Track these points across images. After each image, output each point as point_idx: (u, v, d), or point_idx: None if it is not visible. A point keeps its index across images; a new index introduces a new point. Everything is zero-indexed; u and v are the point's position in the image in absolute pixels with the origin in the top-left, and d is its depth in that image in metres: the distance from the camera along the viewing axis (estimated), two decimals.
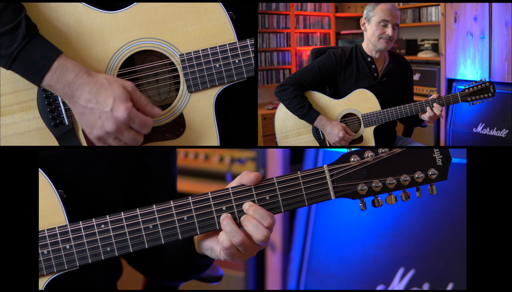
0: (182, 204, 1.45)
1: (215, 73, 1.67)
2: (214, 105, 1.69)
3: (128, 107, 1.55)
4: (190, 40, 1.66)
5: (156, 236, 1.45)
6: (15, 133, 1.67)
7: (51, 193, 1.48)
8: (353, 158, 1.44)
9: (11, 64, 1.56)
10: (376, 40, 2.39)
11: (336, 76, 2.43)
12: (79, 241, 1.45)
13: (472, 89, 2.32)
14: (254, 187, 1.45)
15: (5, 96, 1.66)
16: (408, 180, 1.44)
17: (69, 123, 1.68)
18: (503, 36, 3.04)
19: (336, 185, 1.45)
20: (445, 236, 2.38)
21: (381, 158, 1.44)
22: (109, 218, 1.45)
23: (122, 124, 1.56)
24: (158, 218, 1.45)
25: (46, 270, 1.46)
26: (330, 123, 2.39)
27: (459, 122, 3.34)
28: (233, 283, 3.21)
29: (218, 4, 1.65)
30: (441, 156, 1.45)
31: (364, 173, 1.44)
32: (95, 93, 1.56)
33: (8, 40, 1.54)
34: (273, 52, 4.68)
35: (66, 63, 1.57)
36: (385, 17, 2.38)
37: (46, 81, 1.57)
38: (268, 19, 4.60)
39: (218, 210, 1.45)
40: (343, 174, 1.45)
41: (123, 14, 1.66)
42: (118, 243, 1.45)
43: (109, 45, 1.66)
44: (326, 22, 5.12)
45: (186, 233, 1.46)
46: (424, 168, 1.45)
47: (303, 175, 1.45)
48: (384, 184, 1.44)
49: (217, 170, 3.31)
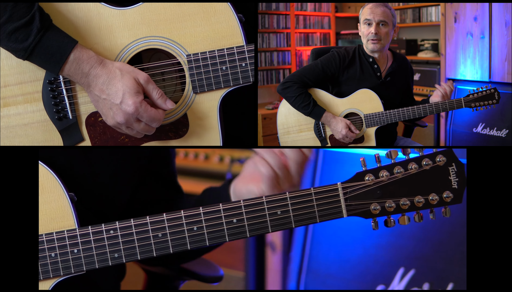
0: (193, 214, 1.44)
1: (221, 75, 1.66)
2: (218, 108, 1.69)
3: (136, 102, 1.57)
4: (198, 41, 1.66)
5: (165, 245, 1.44)
6: (19, 124, 1.68)
7: (61, 195, 1.48)
8: (368, 176, 1.43)
9: (28, 57, 1.59)
10: (366, 42, 2.38)
11: (339, 76, 2.43)
12: (87, 246, 1.44)
13: (476, 95, 2.30)
14: (266, 201, 1.43)
15: (11, 87, 1.67)
16: (422, 201, 1.42)
17: (73, 118, 1.68)
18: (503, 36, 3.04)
19: (349, 203, 1.43)
20: (445, 236, 2.38)
21: (396, 178, 1.42)
22: (118, 224, 1.44)
23: (130, 117, 1.58)
24: (168, 227, 1.44)
25: (53, 273, 1.45)
26: (335, 119, 2.39)
27: (459, 122, 3.34)
28: (233, 283, 3.21)
29: (228, 6, 1.65)
30: (457, 178, 1.42)
31: (378, 193, 1.43)
32: (107, 85, 1.58)
33: (23, 34, 1.56)
34: (273, 52, 4.68)
35: (82, 55, 1.59)
36: (367, 16, 2.35)
37: (65, 72, 1.60)
38: (268, 19, 4.60)
39: (228, 222, 1.44)
40: (356, 192, 1.43)
41: (132, 11, 1.66)
42: (126, 249, 1.44)
43: (116, 41, 1.66)
44: (326, 22, 5.12)
45: (195, 243, 1.45)
46: (439, 190, 1.42)
47: (316, 192, 1.43)
48: (397, 204, 1.43)
49: (217, 170, 3.31)
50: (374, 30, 2.33)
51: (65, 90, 1.67)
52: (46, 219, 1.47)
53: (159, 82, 1.71)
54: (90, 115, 1.69)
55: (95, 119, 1.69)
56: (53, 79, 1.66)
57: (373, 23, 2.34)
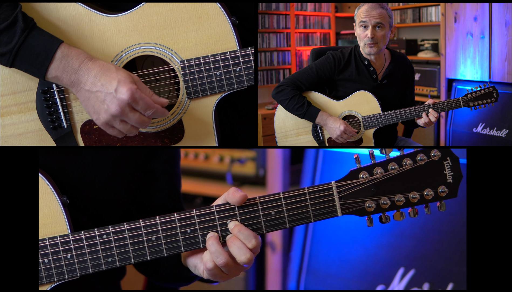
0: (186, 217, 1.44)
1: (216, 81, 1.66)
2: (213, 113, 1.68)
3: (131, 88, 1.53)
4: (191, 46, 1.65)
5: (159, 248, 1.44)
6: (13, 135, 1.67)
7: (53, 200, 1.47)
8: (362, 174, 1.42)
9: (13, 60, 1.55)
10: (363, 45, 2.34)
11: (334, 79, 2.41)
12: (80, 251, 1.44)
13: (474, 94, 2.29)
14: (260, 202, 1.43)
15: (4, 97, 1.66)
16: (417, 197, 1.42)
17: (68, 127, 1.67)
18: (503, 36, 3.03)
19: (344, 201, 1.42)
20: (445, 236, 2.38)
21: (391, 174, 1.42)
22: (111, 228, 1.44)
23: (126, 106, 1.53)
24: (161, 230, 1.44)
25: (46, 279, 1.45)
26: (331, 118, 2.36)
27: (459, 122, 3.34)
28: (233, 283, 3.21)
29: (221, 11, 1.64)
30: (452, 172, 1.42)
31: (373, 190, 1.42)
32: (100, 76, 1.54)
33: (7, 37, 1.53)
34: (273, 52, 4.68)
35: (71, 52, 1.56)
36: (362, 18, 2.30)
37: (52, 72, 1.55)
38: (268, 19, 4.60)
39: (222, 224, 1.44)
40: (351, 190, 1.42)
41: (124, 18, 1.65)
42: (119, 254, 1.44)
43: (109, 49, 1.65)
44: (326, 22, 5.12)
45: (188, 246, 1.45)
46: (434, 185, 1.42)
47: (310, 191, 1.43)
48: (392, 201, 1.42)
49: (217, 170, 3.31)
50: (370, 34, 2.28)
51: (59, 99, 1.66)
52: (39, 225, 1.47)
53: (153, 89, 1.69)
54: (85, 124, 1.68)
55: (90, 127, 1.68)
56: (46, 88, 1.65)
57: (369, 26, 2.29)
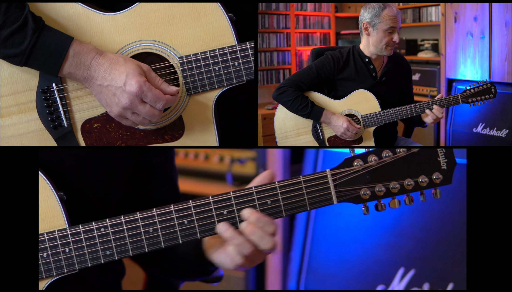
0: (183, 208, 1.44)
1: (215, 76, 1.66)
2: (213, 108, 1.69)
3: (140, 80, 1.57)
4: (190, 42, 1.66)
5: (157, 240, 1.45)
6: (14, 135, 1.67)
7: (50, 195, 1.48)
8: (356, 162, 1.43)
9: (26, 60, 1.58)
10: (383, 47, 2.38)
11: (334, 78, 2.43)
12: (78, 245, 1.45)
13: (473, 90, 2.31)
14: (256, 192, 1.44)
15: (4, 98, 1.66)
16: (412, 184, 1.43)
17: (68, 126, 1.68)
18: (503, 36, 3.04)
19: (339, 189, 1.43)
20: (445, 236, 2.38)
21: (385, 162, 1.42)
22: (109, 221, 1.45)
23: (135, 98, 1.57)
24: (159, 221, 1.44)
25: (45, 273, 1.45)
26: (335, 116, 2.39)
27: (459, 122, 3.34)
28: (233, 283, 3.21)
29: (218, 7, 1.65)
30: (446, 159, 1.43)
31: (368, 177, 1.43)
32: (110, 71, 1.58)
33: (18, 38, 1.56)
34: (273, 52, 4.68)
35: (82, 48, 1.59)
36: (392, 24, 2.37)
37: (65, 69, 1.59)
38: (268, 19, 4.60)
39: (219, 214, 1.44)
40: (346, 178, 1.43)
41: (122, 16, 1.65)
42: (117, 247, 1.45)
43: (108, 47, 1.65)
44: (326, 22, 5.12)
45: (186, 237, 1.45)
46: (428, 171, 1.43)
47: (306, 180, 1.43)
48: (387, 188, 1.43)
49: (217, 170, 3.31)
50: (398, 39, 2.36)
51: (58, 99, 1.66)
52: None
53: None
54: (85, 123, 1.68)
55: (90, 126, 1.69)
56: (46, 88, 1.65)
57: (396, 31, 2.36)
